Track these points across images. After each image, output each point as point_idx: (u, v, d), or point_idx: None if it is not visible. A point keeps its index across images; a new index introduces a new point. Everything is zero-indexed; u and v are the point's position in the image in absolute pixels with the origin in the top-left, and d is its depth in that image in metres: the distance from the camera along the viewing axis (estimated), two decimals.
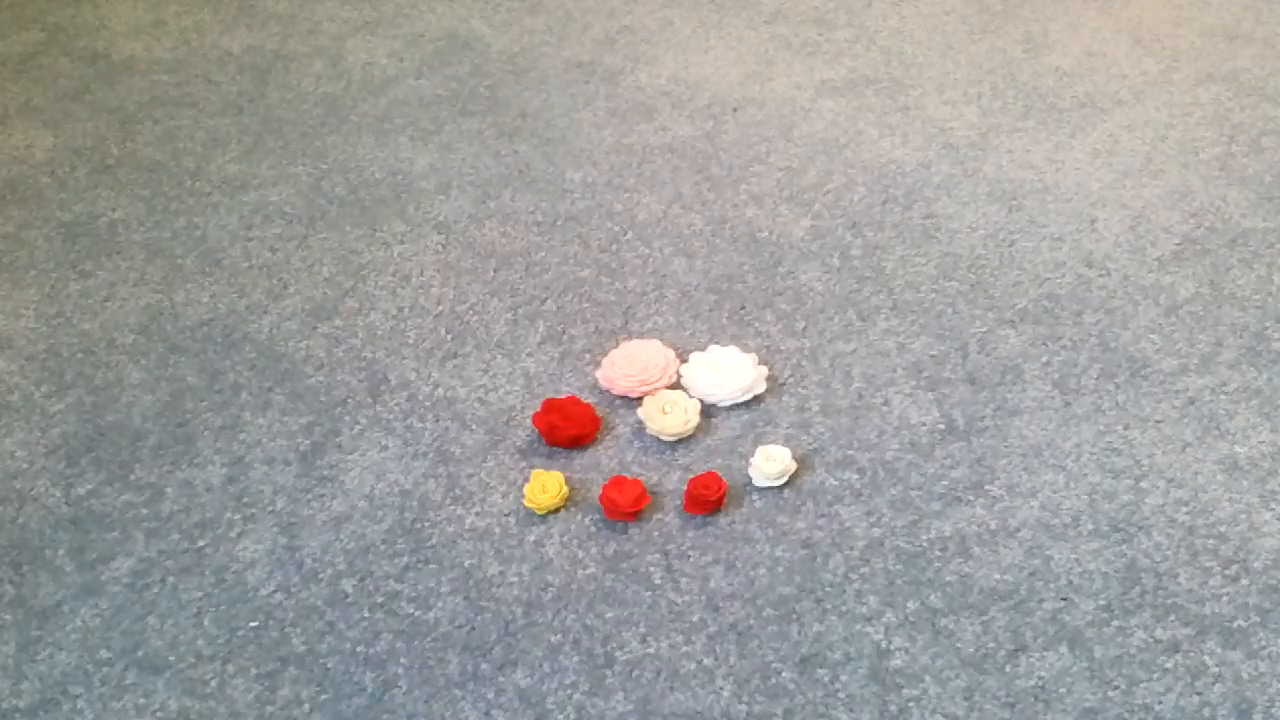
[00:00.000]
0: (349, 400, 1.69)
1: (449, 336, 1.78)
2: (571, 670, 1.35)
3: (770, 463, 1.53)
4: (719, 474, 1.51)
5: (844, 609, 1.40)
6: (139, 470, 1.60)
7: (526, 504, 1.52)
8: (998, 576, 1.43)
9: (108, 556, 1.49)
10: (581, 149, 2.17)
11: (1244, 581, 1.42)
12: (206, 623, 1.41)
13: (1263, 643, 1.35)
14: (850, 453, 1.59)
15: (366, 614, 1.42)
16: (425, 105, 2.31)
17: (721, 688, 1.33)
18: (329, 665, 1.37)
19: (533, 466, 1.58)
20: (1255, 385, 1.67)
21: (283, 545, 1.50)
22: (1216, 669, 1.33)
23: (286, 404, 1.68)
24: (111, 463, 1.61)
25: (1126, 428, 1.61)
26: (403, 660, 1.37)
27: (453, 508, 1.53)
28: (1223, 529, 1.48)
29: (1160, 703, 1.30)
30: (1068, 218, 1.98)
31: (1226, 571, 1.43)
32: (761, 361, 1.71)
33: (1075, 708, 1.30)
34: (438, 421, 1.65)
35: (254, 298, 1.87)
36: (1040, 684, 1.32)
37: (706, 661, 1.36)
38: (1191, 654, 1.34)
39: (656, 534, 1.49)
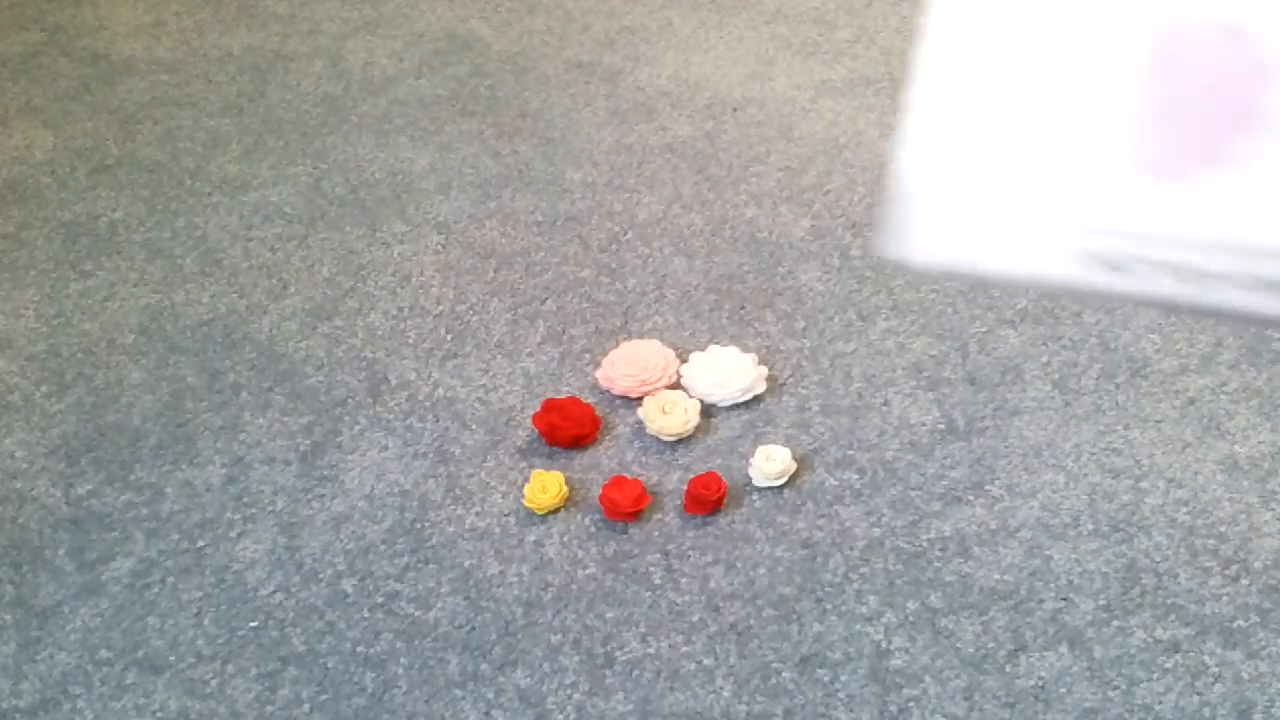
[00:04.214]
0: (349, 400, 1.69)
1: (449, 336, 1.78)
2: (571, 670, 1.35)
3: (770, 463, 1.53)
4: (719, 474, 1.51)
5: (844, 609, 1.40)
6: (139, 470, 1.60)
7: (526, 504, 1.52)
8: (998, 576, 1.43)
9: (108, 556, 1.49)
10: (581, 149, 2.17)
11: (1244, 581, 1.42)
12: (206, 623, 1.41)
13: (1263, 643, 1.35)
14: (850, 453, 1.59)
15: (366, 614, 1.42)
16: (425, 105, 2.31)
17: (721, 688, 1.33)
18: (329, 665, 1.37)
19: (533, 466, 1.58)
20: (1255, 385, 1.67)
21: (283, 545, 1.50)
22: (1216, 669, 1.33)
23: (286, 404, 1.68)
24: (111, 463, 1.61)
25: (1126, 428, 1.61)
26: (403, 660, 1.37)
27: (453, 508, 1.53)
28: (1223, 529, 1.48)
29: (1160, 703, 1.30)
30: None
31: (1226, 571, 1.43)
32: (761, 361, 1.71)
33: (1075, 708, 1.30)
34: (438, 421, 1.65)
35: (254, 298, 1.87)
36: (1040, 684, 1.32)
37: (706, 661, 1.36)
38: (1191, 654, 1.34)
39: (656, 534, 1.49)
